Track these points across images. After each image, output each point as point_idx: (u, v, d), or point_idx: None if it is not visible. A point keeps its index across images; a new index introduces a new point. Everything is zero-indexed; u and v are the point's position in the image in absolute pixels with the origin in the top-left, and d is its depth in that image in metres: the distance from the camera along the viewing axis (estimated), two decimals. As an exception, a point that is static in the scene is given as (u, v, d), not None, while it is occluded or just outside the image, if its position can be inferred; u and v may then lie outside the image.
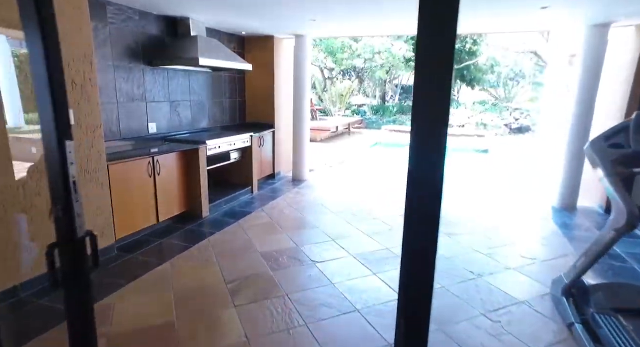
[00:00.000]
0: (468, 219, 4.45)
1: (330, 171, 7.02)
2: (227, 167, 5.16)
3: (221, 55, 4.48)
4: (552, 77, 8.30)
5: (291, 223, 4.27)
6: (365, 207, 4.86)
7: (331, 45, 13.35)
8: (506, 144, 11.47)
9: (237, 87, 6.06)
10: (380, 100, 20.98)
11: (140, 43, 4.05)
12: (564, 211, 4.81)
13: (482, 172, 7.46)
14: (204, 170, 4.30)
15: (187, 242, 3.63)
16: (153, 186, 3.72)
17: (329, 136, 11.56)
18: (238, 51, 5.94)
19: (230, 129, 5.77)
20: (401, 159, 9.55)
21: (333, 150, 9.62)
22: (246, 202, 5.01)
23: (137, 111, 4.11)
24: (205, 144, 4.29)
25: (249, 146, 5.28)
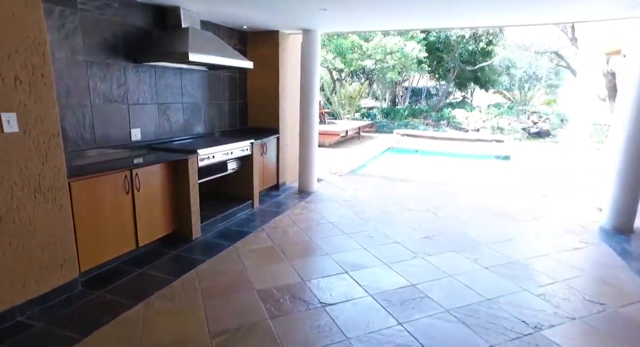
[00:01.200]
0: (501, 242, 3.76)
1: (340, 181, 6.37)
2: (224, 179, 4.54)
3: (217, 51, 3.87)
4: (584, 82, 7.59)
5: (296, 248, 3.62)
6: (382, 226, 4.20)
7: (340, 46, 12.73)
8: (528, 150, 10.71)
9: (237, 88, 5.45)
10: (391, 103, 20.29)
11: (121, 36, 3.45)
12: (617, 234, 4.09)
13: (507, 183, 6.73)
14: (194, 184, 3.68)
15: (170, 274, 3.00)
16: (131, 204, 3.11)
17: (339, 141, 10.92)
18: (239, 48, 5.33)
19: (230, 135, 5.15)
20: (418, 167, 8.85)
21: (343, 156, 8.97)
22: (245, 220, 4.38)
23: (117, 115, 3.51)
24: (196, 154, 3.67)
25: (250, 155, 4.66)
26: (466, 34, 15.51)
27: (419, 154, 9.92)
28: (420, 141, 11.80)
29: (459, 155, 9.91)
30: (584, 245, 3.77)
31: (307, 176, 5.65)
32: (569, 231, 4.16)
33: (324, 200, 5.25)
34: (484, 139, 11.70)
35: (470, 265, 3.26)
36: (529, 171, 7.52)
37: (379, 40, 12.42)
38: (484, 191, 5.81)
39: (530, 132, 15.17)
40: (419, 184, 6.19)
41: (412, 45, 12.74)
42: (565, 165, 8.12)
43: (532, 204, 5.21)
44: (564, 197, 5.56)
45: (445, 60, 17.52)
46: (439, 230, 4.11)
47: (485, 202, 5.22)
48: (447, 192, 5.75)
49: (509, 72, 20.03)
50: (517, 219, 4.53)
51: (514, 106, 18.51)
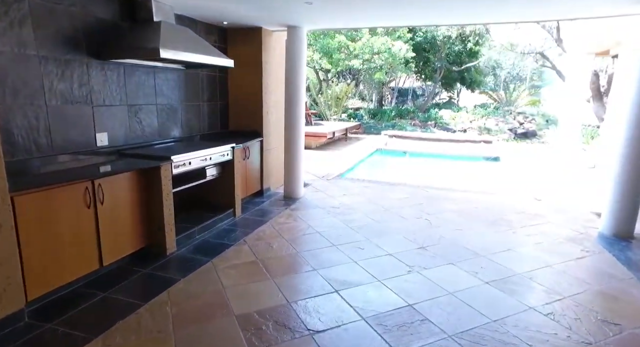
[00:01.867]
0: (500, 253, 3.52)
1: (328, 186, 6.08)
2: (204, 186, 4.19)
3: (193, 47, 3.53)
4: (572, 83, 7.50)
5: (281, 263, 3.31)
6: (373, 237, 3.92)
7: (327, 45, 12.46)
8: (516, 151, 10.63)
9: (218, 88, 5.11)
10: (378, 103, 20.14)
11: (82, 29, 3.09)
12: (618, 241, 3.90)
13: (499, 185, 6.56)
14: (168, 194, 3.33)
15: (137, 297, 2.65)
16: (94, 219, 2.75)
17: (326, 143, 10.64)
18: (219, 46, 4.99)
19: (209, 138, 4.80)
20: (407, 170, 8.63)
21: (330, 159, 8.69)
22: (226, 231, 4.04)
23: (79, 118, 3.14)
24: (169, 161, 3.32)
25: (230, 160, 4.32)
26: (452, 35, 15.44)
27: (407, 155, 9.71)
28: (409, 142, 11.62)
29: (448, 156, 9.75)
30: (586, 254, 3.56)
31: (292, 181, 5.34)
32: (568, 238, 3.96)
33: (311, 207, 4.95)
34: (473, 140, 11.59)
35: (470, 280, 3.01)
36: (519, 173, 7.38)
37: (366, 40, 12.20)
38: (477, 195, 5.60)
39: (517, 133, 15.19)
40: (410, 188, 5.95)
41: (399, 45, 12.56)
42: (555, 166, 8.02)
43: (527, 208, 5.02)
44: (557, 200, 5.39)
45: (431, 60, 17.45)
46: (433, 239, 3.86)
47: (479, 208, 5.00)
48: (440, 196, 5.52)
49: (495, 73, 20.13)
50: (513, 226, 4.32)
51: (500, 107, 18.57)
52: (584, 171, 7.70)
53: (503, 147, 11.11)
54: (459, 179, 7.62)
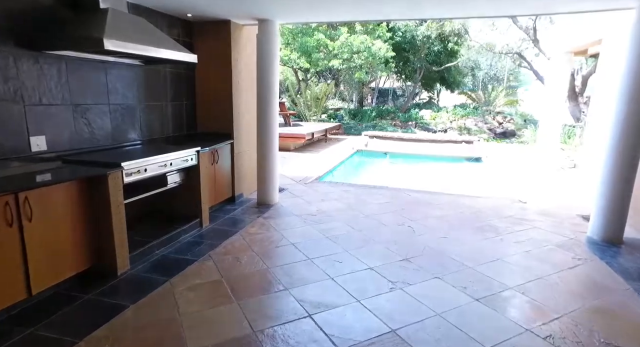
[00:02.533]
0: (489, 263, 3.26)
1: (305, 190, 5.73)
2: (166, 194, 3.77)
3: (146, 39, 3.12)
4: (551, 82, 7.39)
5: (249, 282, 2.93)
6: (353, 248, 3.60)
7: (306, 44, 12.12)
8: (497, 151, 10.55)
9: (184, 87, 4.69)
10: (358, 104, 19.95)
11: (7, 14, 2.64)
12: (608, 246, 3.71)
13: (482, 188, 6.37)
14: (119, 206, 2.91)
15: (71, 333, 2.23)
16: (18, 240, 2.31)
17: (305, 144, 10.29)
18: (183, 40, 4.58)
19: (174, 141, 4.38)
20: (388, 172, 8.37)
21: (309, 161, 8.34)
22: (190, 245, 3.63)
23: (7, 118, 2.68)
24: (119, 168, 2.90)
25: (196, 165, 3.92)
26: (432, 34, 15.38)
27: (388, 156, 9.47)
28: (389, 143, 11.41)
29: (429, 157, 9.57)
30: (578, 262, 3.34)
31: (266, 186, 4.96)
32: (558, 244, 3.75)
33: (286, 214, 4.59)
34: (454, 140, 11.48)
35: (459, 297, 2.72)
36: (502, 174, 7.22)
37: (344, 38, 11.93)
38: (461, 198, 5.36)
39: (497, 133, 15.24)
40: (392, 192, 5.66)
41: (379, 45, 12.35)
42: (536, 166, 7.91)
43: (512, 211, 4.80)
44: (542, 202, 5.22)
45: (411, 60, 17.37)
46: (417, 249, 3.56)
47: (464, 212, 4.75)
48: (422, 200, 5.25)
49: (474, 73, 20.27)
50: (500, 232, 4.08)
51: (479, 107, 18.67)
52: (565, 171, 7.63)
53: (484, 147, 11.03)
54: (441, 181, 7.41)
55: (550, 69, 8.02)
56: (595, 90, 5.50)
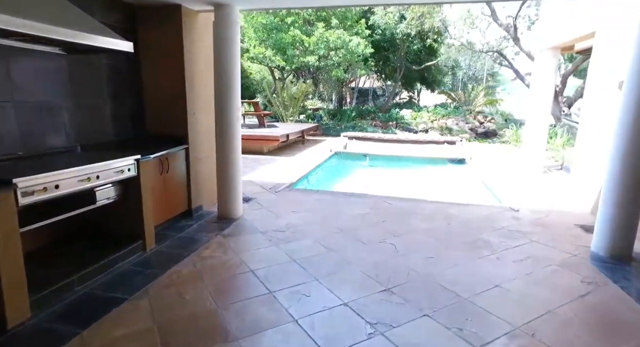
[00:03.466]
0: (487, 291, 2.72)
1: (275, 200, 5.10)
2: (104, 211, 3.08)
3: (52, 18, 2.43)
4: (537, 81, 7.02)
5: (189, 330, 2.29)
6: (324, 275, 2.99)
7: (280, 40, 11.47)
8: (480, 151, 10.18)
9: (128, 82, 3.99)
10: (337, 103, 19.41)
11: None
12: (617, 264, 3.24)
13: (469, 193, 5.89)
14: (9, 238, 2.21)
15: None
16: None
17: (279, 147, 9.64)
18: (123, 26, 3.87)
19: (115, 147, 3.67)
20: (368, 176, 7.81)
21: (283, 165, 7.70)
22: (125, 275, 2.95)
23: None
24: (11, 186, 2.20)
25: (135, 176, 3.23)
26: (412, 32, 14.98)
27: (367, 159, 8.93)
28: (369, 144, 10.89)
29: (410, 159, 9.08)
30: (588, 287, 2.84)
31: (228, 198, 4.30)
32: (562, 263, 3.25)
33: (250, 231, 3.95)
34: (436, 140, 11.06)
35: (455, 344, 2.15)
36: (488, 177, 6.77)
37: (320, 34, 11.34)
38: (448, 207, 4.84)
39: (478, 133, 14.97)
40: (371, 200, 5.09)
41: (357, 41, 11.82)
42: (522, 167, 7.54)
43: (505, 222, 4.31)
44: (535, 209, 4.76)
45: (391, 59, 16.96)
46: (401, 275, 2.99)
47: (453, 224, 4.23)
48: (405, 210, 4.71)
49: (454, 72, 20.06)
50: (495, 248, 3.56)
51: (460, 106, 18.43)
52: (553, 173, 7.26)
53: (467, 148, 10.64)
54: (425, 186, 6.91)
55: (535, 66, 7.67)
56: (589, 87, 5.10)
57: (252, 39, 11.89)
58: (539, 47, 7.14)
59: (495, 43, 15.43)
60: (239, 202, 4.38)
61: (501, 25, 12.88)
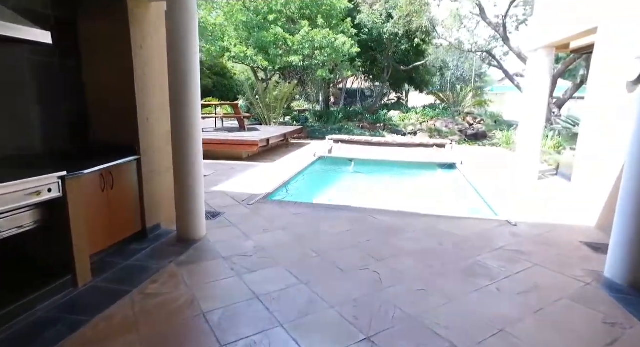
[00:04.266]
0: (491, 338, 2.20)
1: (247, 215, 4.53)
2: (26, 238, 2.47)
3: None
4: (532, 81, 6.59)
5: None
6: (292, 318, 2.44)
7: (262, 39, 10.89)
8: (471, 155, 9.74)
9: (63, 81, 3.38)
10: (324, 105, 18.89)
11: None
12: (638, 295, 2.76)
13: (462, 204, 5.41)
14: None
15: None
16: None
17: (259, 152, 9.05)
18: (57, 15, 3.26)
19: (34, 161, 3.06)
20: (352, 184, 7.28)
21: (261, 172, 7.13)
22: (38, 326, 2.35)
23: None
24: None
25: (60, 197, 2.63)
26: (399, 31, 14.54)
27: (353, 165, 8.42)
28: (356, 148, 10.38)
29: (398, 165, 8.60)
30: (611, 330, 2.34)
31: (188, 216, 3.72)
32: (574, 295, 2.76)
33: (211, 256, 3.38)
34: (425, 144, 10.59)
35: None
36: (481, 184, 6.30)
37: (305, 33, 10.80)
38: (440, 221, 4.33)
39: (468, 134, 14.59)
40: (355, 214, 4.56)
41: (343, 40, 11.31)
42: (516, 173, 7.11)
43: (503, 240, 3.82)
44: (534, 223, 4.29)
45: (379, 60, 16.52)
46: (386, 317, 2.46)
47: (445, 244, 3.71)
48: (392, 226, 4.19)
49: (442, 73, 19.71)
50: (494, 275, 3.05)
51: (449, 107, 18.07)
52: (548, 179, 6.84)
53: (457, 151, 10.21)
54: (413, 194, 6.42)
55: (529, 67, 7.25)
56: (591, 87, 4.66)
57: (233, 37, 11.29)
58: (532, 45, 6.71)
59: (484, 43, 15.09)
60: (200, 221, 3.79)
61: (490, 24, 12.52)
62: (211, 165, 7.52)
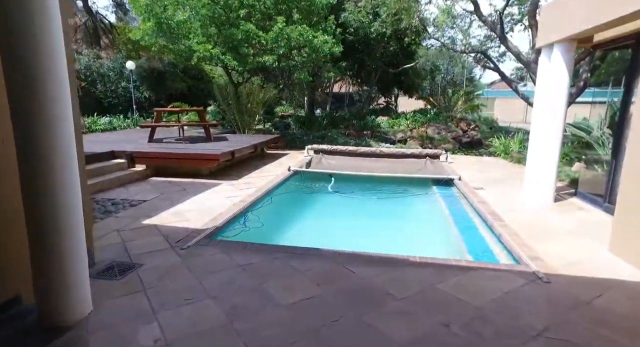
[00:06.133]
0: None
1: (170, 270, 3.20)
2: None
3: None
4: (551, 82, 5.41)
5: None
6: None
7: (231, 37, 9.60)
8: (469, 167, 8.53)
9: None
10: (308, 110, 17.64)
11: None
12: None
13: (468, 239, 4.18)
14: None
15: None
16: None
17: (224, 166, 7.72)
18: None
19: None
20: (328, 209, 5.98)
21: (217, 195, 5.80)
22: None
23: None
24: None
25: None
26: (387, 31, 13.39)
27: (333, 181, 7.15)
28: (338, 160, 9.13)
29: (386, 181, 7.35)
30: None
31: (55, 283, 2.37)
32: None
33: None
34: (417, 154, 9.39)
35: None
36: (488, 210, 5.07)
37: (279, 29, 9.54)
38: (439, 277, 3.07)
39: (462, 142, 13.44)
40: (323, 266, 3.27)
41: (323, 38, 10.08)
42: (530, 194, 5.92)
43: (540, 315, 2.57)
44: (575, 280, 3.06)
45: (366, 62, 15.36)
46: None
47: (452, 326, 2.44)
48: (374, 287, 2.91)
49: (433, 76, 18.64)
50: None
51: (440, 113, 16.97)
52: (567, 202, 5.65)
53: (452, 163, 9.01)
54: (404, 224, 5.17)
55: (541, 65, 6.08)
56: (635, 90, 3.53)
57: (200, 35, 9.98)
58: (546, 39, 5.55)
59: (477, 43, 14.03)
60: (76, 293, 2.45)
61: (486, 21, 11.43)
62: (160, 186, 6.18)
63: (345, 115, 16.68)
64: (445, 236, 4.81)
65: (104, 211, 4.71)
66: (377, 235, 4.65)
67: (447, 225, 5.09)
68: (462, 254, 4.10)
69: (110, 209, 4.77)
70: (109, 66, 14.61)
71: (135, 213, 4.71)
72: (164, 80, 16.03)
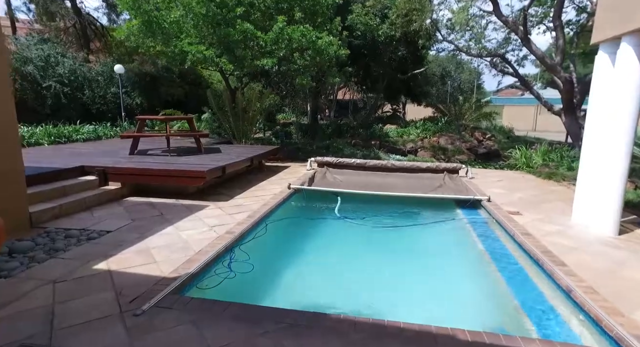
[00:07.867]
0: None
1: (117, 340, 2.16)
2: None
3: None
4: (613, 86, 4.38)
5: None
6: None
7: (226, 37, 8.65)
8: (493, 184, 7.46)
9: None
10: (312, 118, 16.66)
11: None
12: None
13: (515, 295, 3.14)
14: None
15: None
16: None
17: (214, 182, 6.70)
18: None
19: None
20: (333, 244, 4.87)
21: (200, 221, 4.77)
22: None
23: None
24: None
25: None
26: (396, 34, 12.43)
27: (339, 202, 6.11)
28: (345, 174, 8.10)
29: (401, 202, 6.30)
30: None
31: None
32: None
33: None
34: (434, 168, 8.33)
35: None
36: (538, 249, 4.00)
37: (279, 29, 8.59)
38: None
39: (478, 154, 12.44)
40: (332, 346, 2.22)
41: (328, 40, 9.11)
42: (582, 223, 4.87)
43: None
44: None
45: (372, 67, 14.39)
46: None
47: None
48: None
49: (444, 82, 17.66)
50: None
51: (452, 121, 15.96)
52: (633, 233, 4.58)
53: (475, 180, 7.95)
54: (428, 267, 4.10)
55: (597, 66, 5.02)
56: None
57: (192, 35, 9.04)
58: (606, 33, 4.53)
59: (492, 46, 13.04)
60: None
61: (506, 22, 10.44)
62: (134, 209, 5.15)
63: (350, 123, 15.71)
64: (486, 284, 3.75)
65: (49, 248, 3.68)
66: (397, 282, 3.60)
67: (485, 267, 4.02)
68: (517, 315, 3.05)
69: (59, 246, 3.74)
70: (98, 71, 13.72)
71: (89, 251, 3.69)
72: (158, 86, 15.12)
